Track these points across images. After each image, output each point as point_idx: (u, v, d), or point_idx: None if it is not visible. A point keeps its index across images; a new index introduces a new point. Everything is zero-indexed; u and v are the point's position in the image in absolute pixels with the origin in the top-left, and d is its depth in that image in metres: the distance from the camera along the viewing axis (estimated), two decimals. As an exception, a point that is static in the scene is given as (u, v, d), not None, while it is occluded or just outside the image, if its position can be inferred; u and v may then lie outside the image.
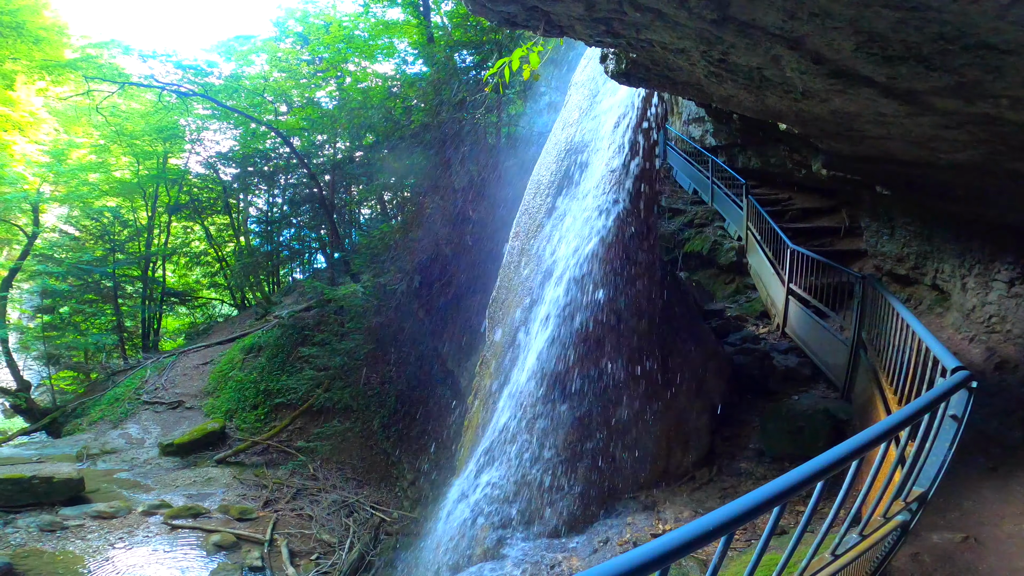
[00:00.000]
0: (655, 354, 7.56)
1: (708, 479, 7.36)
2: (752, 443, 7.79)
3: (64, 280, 21.41)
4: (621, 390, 7.22)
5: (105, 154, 22.26)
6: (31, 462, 11.79)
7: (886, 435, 2.38)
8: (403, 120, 15.97)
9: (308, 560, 9.10)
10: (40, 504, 9.45)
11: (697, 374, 8.03)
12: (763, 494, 1.71)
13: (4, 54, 12.84)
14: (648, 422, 7.27)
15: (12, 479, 9.60)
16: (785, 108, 4.40)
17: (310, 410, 14.65)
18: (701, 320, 9.59)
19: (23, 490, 9.55)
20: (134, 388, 16.76)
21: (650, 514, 6.73)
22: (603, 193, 7.75)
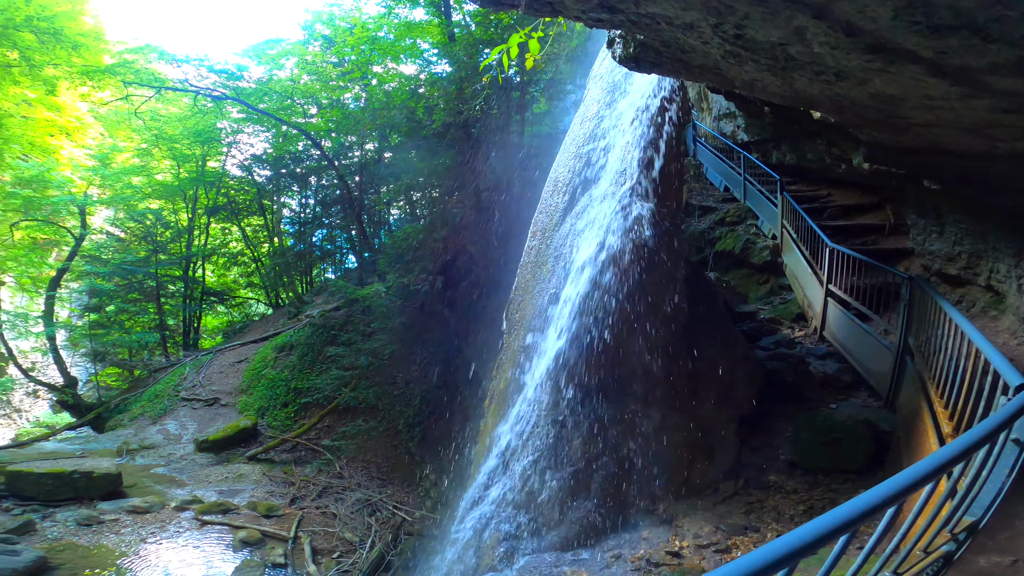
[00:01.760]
0: (679, 359, 7.19)
1: (733, 492, 6.97)
2: (783, 454, 7.37)
3: (110, 280, 22.17)
4: (641, 397, 6.89)
5: (147, 157, 22.95)
6: (74, 457, 12.16)
7: (940, 470, 2.04)
8: (425, 120, 15.92)
9: (330, 558, 9.06)
10: (79, 498, 9.66)
11: (725, 381, 7.61)
12: (827, 522, 1.44)
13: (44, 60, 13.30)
14: (669, 431, 6.92)
15: (53, 473, 9.84)
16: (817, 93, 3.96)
17: (337, 409, 14.72)
18: (731, 323, 9.10)
19: (64, 484, 9.77)
20: (173, 385, 17.17)
21: (667, 529, 6.38)
22: (624, 190, 7.41)
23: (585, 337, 6.83)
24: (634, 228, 7.06)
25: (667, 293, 7.15)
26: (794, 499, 6.61)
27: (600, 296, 6.89)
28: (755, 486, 7.00)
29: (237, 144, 24.01)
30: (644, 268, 6.96)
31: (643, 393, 6.89)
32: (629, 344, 6.84)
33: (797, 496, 6.65)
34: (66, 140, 20.55)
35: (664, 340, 7.03)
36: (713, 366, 7.57)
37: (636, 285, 6.89)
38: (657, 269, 7.07)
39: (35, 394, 25.24)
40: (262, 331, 20.77)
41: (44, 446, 13.97)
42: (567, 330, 6.95)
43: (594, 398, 6.79)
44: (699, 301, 7.82)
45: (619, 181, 7.51)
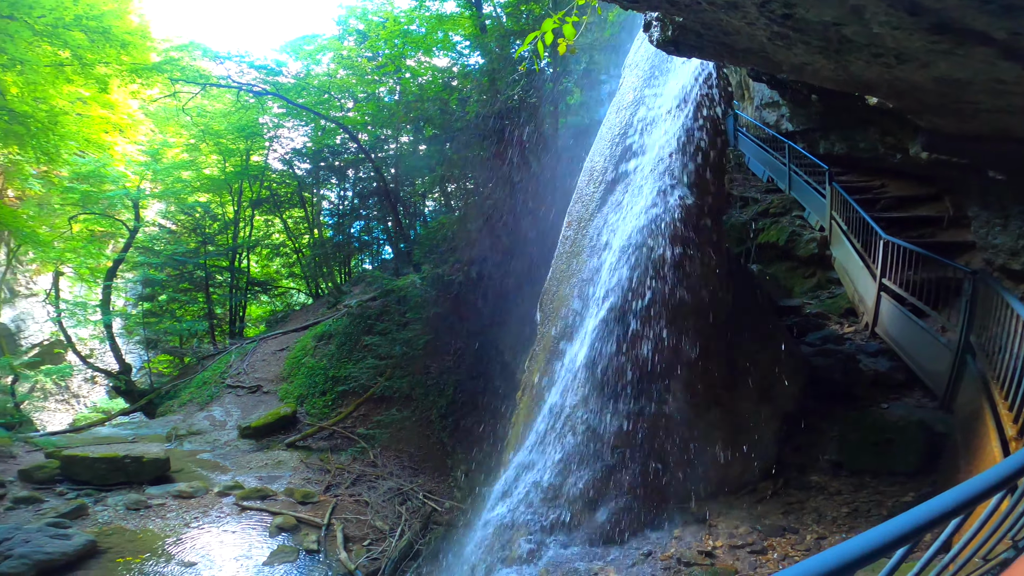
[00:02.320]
0: (718, 353, 6.92)
1: (771, 492, 6.69)
2: (828, 454, 7.04)
3: (162, 270, 23.04)
4: (677, 392, 6.65)
5: (195, 152, 23.68)
6: (126, 442, 12.70)
7: (1013, 477, 1.80)
8: (459, 112, 15.82)
9: (360, 546, 9.16)
10: (130, 483, 10.05)
11: (766, 376, 7.28)
12: (889, 531, 1.31)
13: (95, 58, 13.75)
14: (706, 427, 6.69)
15: (107, 458, 10.26)
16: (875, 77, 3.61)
17: (372, 398, 14.90)
18: (774, 317, 8.75)
19: (116, 469, 10.19)
20: (219, 372, 17.74)
21: (700, 528, 6.18)
22: (662, 179, 7.13)
23: (620, 329, 6.64)
24: (672, 217, 6.79)
25: (706, 285, 6.87)
26: (837, 500, 6.31)
27: (636, 286, 6.69)
28: (795, 486, 6.72)
29: (278, 139, 24.54)
30: (682, 259, 6.71)
31: (680, 388, 6.67)
32: (667, 336, 6.61)
33: (841, 498, 6.35)
34: (119, 136, 21.35)
35: (703, 333, 6.77)
36: (754, 361, 7.27)
37: (674, 276, 6.66)
38: (696, 260, 6.80)
39: (92, 380, 26.59)
40: (302, 320, 21.23)
41: (99, 431, 14.66)
42: (602, 321, 6.77)
43: (629, 392, 6.60)
44: (740, 294, 7.51)
45: (657, 170, 7.24)
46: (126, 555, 7.55)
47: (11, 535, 7.01)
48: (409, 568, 8.89)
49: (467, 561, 6.90)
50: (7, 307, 23.17)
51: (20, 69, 13.19)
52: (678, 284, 6.67)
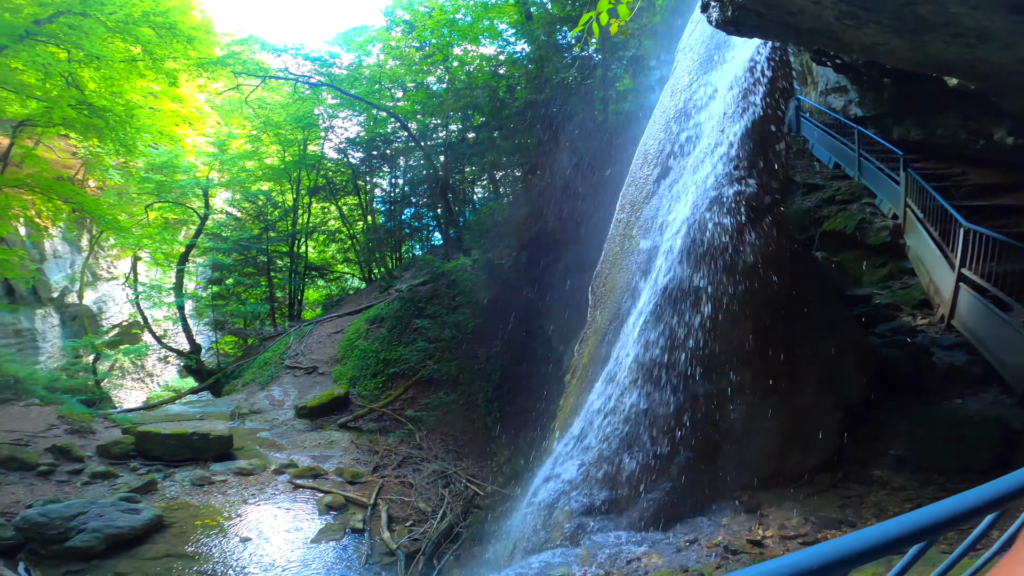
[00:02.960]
0: (778, 341, 6.60)
1: (829, 485, 6.38)
2: (893, 449, 6.66)
3: (229, 255, 24.07)
4: (734, 378, 6.39)
5: (257, 143, 24.44)
6: (194, 419, 13.30)
7: None
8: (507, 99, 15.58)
9: (403, 526, 9.21)
10: (196, 459, 10.47)
11: (829, 366, 6.92)
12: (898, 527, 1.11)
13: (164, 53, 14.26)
14: (763, 416, 6.41)
15: (176, 435, 10.70)
16: (954, 57, 3.19)
17: (421, 380, 15.02)
18: (840, 306, 8.26)
19: (184, 446, 10.63)
20: (279, 353, 18.36)
21: (750, 517, 5.91)
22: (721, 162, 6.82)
23: (674, 313, 6.45)
24: (731, 201, 6.51)
25: (767, 270, 6.55)
26: (900, 496, 5.99)
27: (692, 270, 6.47)
28: (856, 480, 6.41)
29: (332, 129, 24.97)
30: (741, 243, 6.44)
31: (736, 374, 6.42)
32: (723, 322, 6.36)
33: (904, 494, 6.02)
34: (189, 129, 22.25)
35: (762, 319, 6.48)
36: (817, 350, 6.91)
37: (732, 260, 6.39)
38: (756, 244, 6.49)
39: (165, 360, 28.23)
40: (356, 304, 21.68)
41: (170, 408, 15.49)
42: (655, 305, 6.58)
43: (683, 377, 6.41)
44: (803, 281, 7.15)
45: (715, 153, 6.96)
46: (189, 530, 7.84)
47: (86, 509, 7.38)
48: (448, 550, 8.88)
49: (509, 540, 6.88)
50: (90, 290, 24.81)
51: (97, 65, 13.84)
52: (737, 269, 6.41)
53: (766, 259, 6.58)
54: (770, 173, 6.87)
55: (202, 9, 18.38)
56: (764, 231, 6.62)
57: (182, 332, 22.45)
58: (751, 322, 6.41)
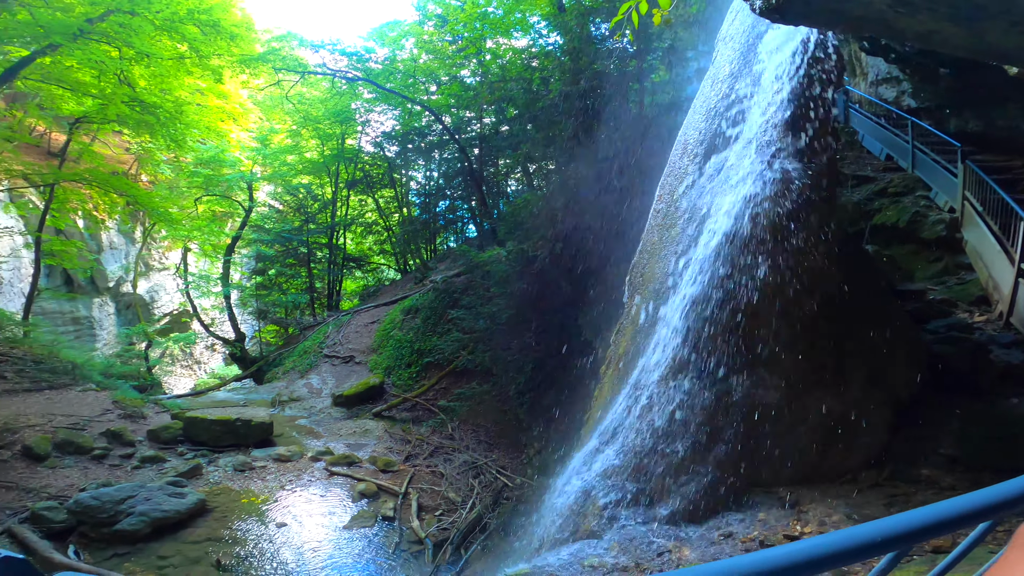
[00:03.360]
0: (825, 334, 6.38)
1: (874, 482, 6.12)
2: (943, 447, 6.39)
3: (272, 246, 24.62)
4: (777, 371, 6.16)
5: (297, 138, 24.85)
6: (238, 405, 13.64)
7: None
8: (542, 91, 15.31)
9: (432, 515, 9.21)
10: (238, 445, 10.72)
11: (879, 361, 6.66)
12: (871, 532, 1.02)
13: (210, 50, 14.54)
14: (806, 410, 6.19)
15: (221, 421, 10.97)
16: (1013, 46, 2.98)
17: (454, 371, 15.00)
18: (891, 301, 7.93)
19: (228, 432, 10.88)
20: (318, 342, 18.68)
21: (789, 513, 5.70)
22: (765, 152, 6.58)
23: (716, 303, 6.24)
24: (776, 191, 6.26)
25: (814, 262, 6.32)
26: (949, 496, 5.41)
27: (735, 260, 6.26)
28: (902, 478, 6.13)
29: (369, 123, 25.18)
30: (788, 234, 6.21)
31: (780, 367, 6.19)
32: (767, 313, 6.14)
33: (953, 494, 5.46)
34: (233, 125, 22.77)
35: (809, 312, 6.24)
36: (866, 345, 6.65)
37: (778, 251, 6.17)
38: (802, 236, 6.25)
39: (212, 348, 29.22)
40: (392, 295, 21.84)
41: (216, 395, 15.95)
42: (697, 294, 6.41)
43: (722, 368, 6.22)
44: (853, 274, 6.87)
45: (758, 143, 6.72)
46: (230, 514, 8.00)
47: (135, 493, 7.60)
48: (476, 540, 8.84)
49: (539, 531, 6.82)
50: (143, 280, 25.85)
51: (147, 62, 14.20)
52: (783, 260, 6.19)
53: (814, 251, 6.35)
54: (818, 163, 6.60)
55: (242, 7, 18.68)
56: (812, 222, 6.37)
57: (228, 321, 23.13)
58: (797, 314, 6.17)
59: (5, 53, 11.87)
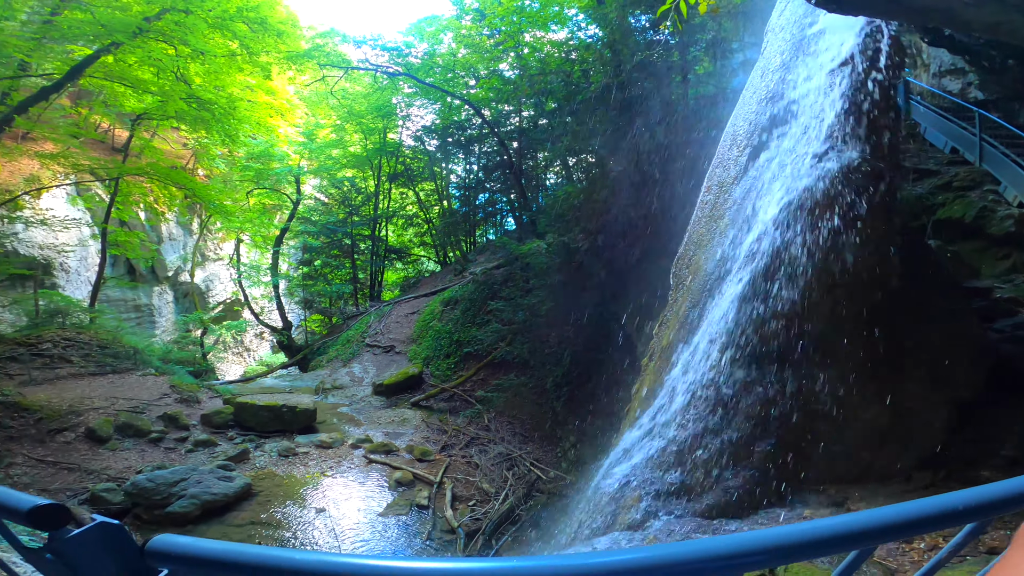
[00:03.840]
0: (883, 330, 6.03)
1: (929, 483, 5.75)
2: (1006, 449, 6.06)
3: (318, 238, 25.21)
4: (831, 367, 5.89)
5: (341, 132, 25.24)
6: (284, 392, 14.00)
7: None
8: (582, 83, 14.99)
9: (465, 505, 9.20)
10: (284, 431, 10.99)
11: (940, 359, 6.32)
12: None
13: (259, 47, 14.84)
14: (860, 407, 5.92)
15: (268, 407, 11.28)
16: None
17: (492, 362, 14.94)
18: (956, 298, 7.56)
19: (275, 417, 11.18)
20: (360, 332, 19.00)
21: (836, 511, 5.40)
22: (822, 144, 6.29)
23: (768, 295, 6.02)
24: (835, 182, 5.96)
25: (873, 256, 6.00)
26: None
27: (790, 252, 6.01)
28: (959, 480, 5.76)
29: (409, 117, 25.37)
30: (846, 226, 5.91)
31: (834, 362, 5.92)
32: (822, 306, 5.89)
33: None
34: (281, 120, 23.31)
35: (866, 307, 5.94)
36: (926, 342, 6.37)
37: (835, 243, 5.89)
38: (861, 228, 5.91)
39: (260, 336, 30.20)
40: (432, 286, 21.99)
41: (264, 382, 16.44)
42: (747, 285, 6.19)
43: (774, 361, 6.00)
44: (914, 269, 6.57)
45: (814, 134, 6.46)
46: (273, 498, 8.20)
47: (187, 476, 7.86)
48: (507, 531, 8.80)
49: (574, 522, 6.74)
50: (199, 269, 26.91)
51: (201, 60, 14.62)
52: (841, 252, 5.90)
53: (873, 243, 6.02)
54: (878, 155, 6.27)
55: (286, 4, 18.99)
56: (871, 214, 6.03)
57: (276, 310, 23.83)
58: (854, 307, 5.88)
59: (68, 52, 12.41)
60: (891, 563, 4.57)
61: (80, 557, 0.91)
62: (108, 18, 11.25)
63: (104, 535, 0.92)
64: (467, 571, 0.82)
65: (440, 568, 0.80)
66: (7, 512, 0.99)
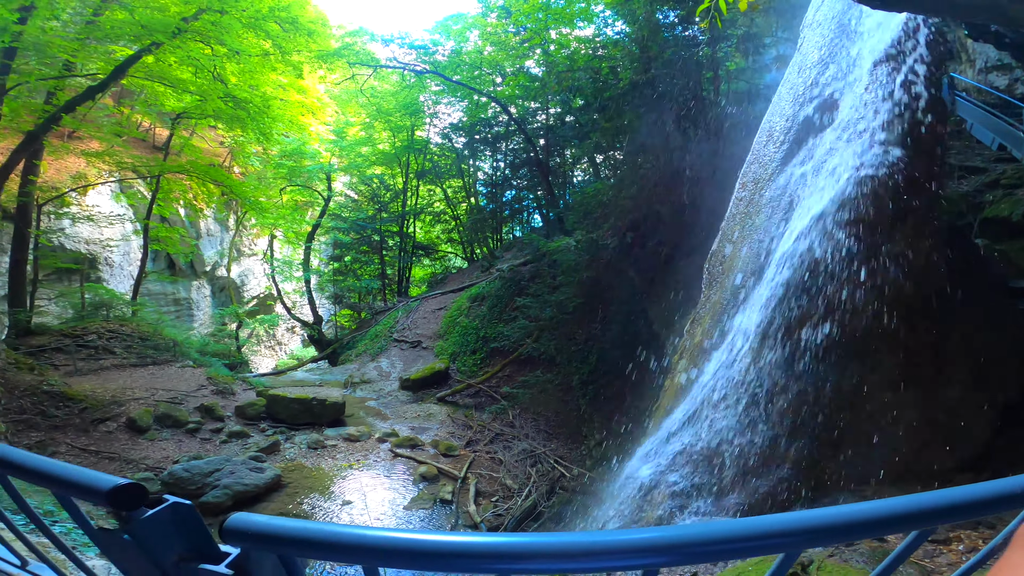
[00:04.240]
0: (926, 329, 5.94)
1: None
2: None
3: (348, 234, 25.53)
4: (871, 365, 5.76)
5: (370, 130, 25.47)
6: (314, 385, 14.23)
7: None
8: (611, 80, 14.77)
9: (488, 501, 9.18)
10: (313, 424, 11.15)
11: (984, 360, 6.15)
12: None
13: (291, 46, 15.02)
14: (900, 407, 5.77)
15: (299, 399, 11.46)
16: None
17: (519, 359, 14.87)
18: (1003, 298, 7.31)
19: (305, 410, 11.36)
20: (388, 327, 19.16)
21: None
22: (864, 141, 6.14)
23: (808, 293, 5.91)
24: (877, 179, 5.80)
25: (916, 254, 5.85)
26: None
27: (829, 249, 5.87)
28: None
29: (437, 115, 25.42)
30: (889, 223, 5.79)
31: (875, 360, 5.80)
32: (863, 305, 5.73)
33: None
34: (312, 118, 23.63)
35: (908, 306, 5.80)
36: (971, 343, 6.18)
37: (878, 242, 5.76)
38: (904, 226, 5.80)
39: (292, 330, 30.79)
40: (459, 282, 22.02)
41: (295, 375, 16.73)
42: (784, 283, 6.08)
43: (809, 360, 5.86)
44: (959, 268, 6.37)
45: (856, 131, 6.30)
46: (301, 490, 8.32)
47: (221, 466, 8.03)
48: (529, 528, 8.74)
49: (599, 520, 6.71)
50: (235, 264, 27.57)
51: (237, 59, 14.88)
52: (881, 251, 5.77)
53: (917, 242, 5.89)
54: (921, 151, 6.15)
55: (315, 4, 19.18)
56: (915, 211, 5.93)
57: (307, 304, 24.27)
58: (896, 306, 5.71)
59: (110, 53, 12.78)
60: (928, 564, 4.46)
61: (152, 537, 0.93)
62: (148, 19, 11.53)
63: (175, 515, 0.95)
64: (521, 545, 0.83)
65: (499, 542, 0.83)
66: (86, 492, 1.00)
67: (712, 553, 0.88)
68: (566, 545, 0.82)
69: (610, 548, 0.83)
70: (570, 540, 0.83)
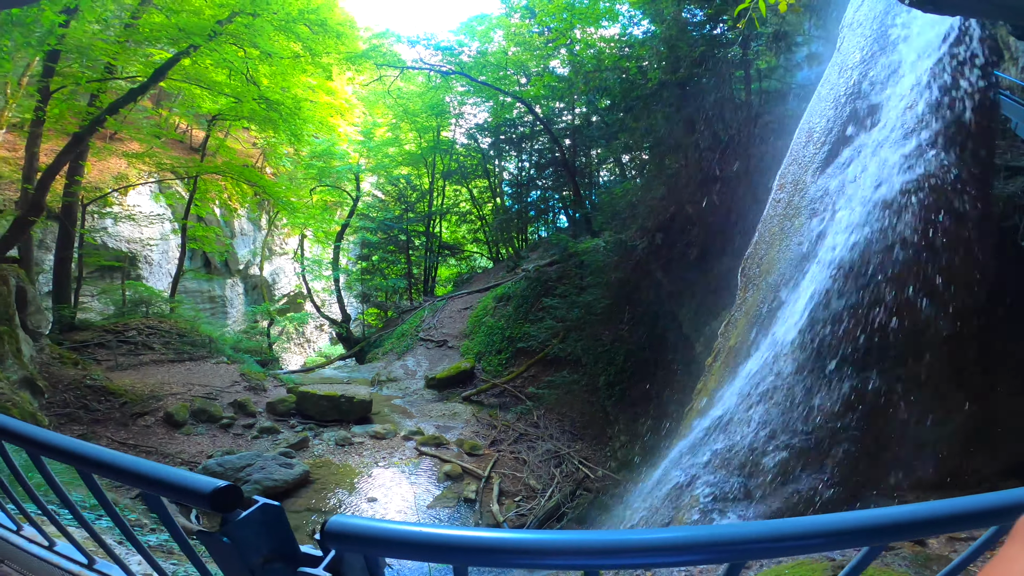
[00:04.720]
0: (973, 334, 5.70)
1: None
2: None
3: (375, 234, 25.81)
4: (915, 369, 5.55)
5: (397, 131, 25.68)
6: (343, 383, 14.39)
7: None
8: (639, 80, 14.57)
9: (511, 501, 9.15)
10: (341, 421, 11.30)
11: None
12: None
13: (321, 48, 15.24)
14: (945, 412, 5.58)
15: (328, 397, 11.63)
16: None
17: (544, 359, 14.78)
18: None
19: (334, 407, 11.52)
20: (414, 326, 19.29)
21: None
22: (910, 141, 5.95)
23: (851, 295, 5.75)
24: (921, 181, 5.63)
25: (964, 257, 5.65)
26: None
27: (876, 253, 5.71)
28: None
29: (462, 116, 25.50)
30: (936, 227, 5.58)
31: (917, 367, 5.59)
32: (908, 309, 5.56)
33: None
34: (340, 119, 23.95)
35: (955, 309, 5.60)
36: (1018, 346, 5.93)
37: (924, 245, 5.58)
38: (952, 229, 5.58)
39: (320, 327, 31.27)
40: (484, 282, 22.03)
41: (323, 372, 16.96)
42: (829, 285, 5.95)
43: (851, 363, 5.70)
44: (1007, 272, 6.09)
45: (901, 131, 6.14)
46: (328, 486, 8.43)
47: (253, 461, 8.18)
48: (552, 528, 8.60)
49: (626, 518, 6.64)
50: (267, 263, 28.16)
51: (269, 62, 15.17)
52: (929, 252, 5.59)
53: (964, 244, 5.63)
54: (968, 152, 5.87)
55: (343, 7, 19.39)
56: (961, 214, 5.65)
57: (336, 303, 24.62)
58: (943, 310, 5.53)
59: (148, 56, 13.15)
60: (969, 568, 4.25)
61: (246, 539, 0.93)
62: (185, 22, 11.83)
63: (264, 516, 0.95)
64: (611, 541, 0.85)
65: (585, 540, 0.84)
66: (185, 493, 1.00)
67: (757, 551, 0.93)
68: (653, 541, 0.84)
69: (686, 544, 0.85)
70: (653, 536, 0.86)
